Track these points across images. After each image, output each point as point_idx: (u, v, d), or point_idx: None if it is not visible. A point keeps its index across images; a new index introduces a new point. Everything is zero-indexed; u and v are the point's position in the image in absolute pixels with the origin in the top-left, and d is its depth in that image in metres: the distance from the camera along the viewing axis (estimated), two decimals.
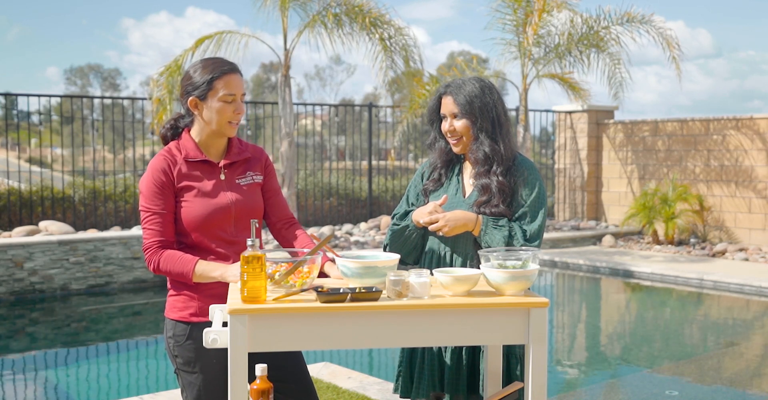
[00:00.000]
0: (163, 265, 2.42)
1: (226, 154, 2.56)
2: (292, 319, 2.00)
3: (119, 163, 15.29)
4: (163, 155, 2.50)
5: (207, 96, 2.45)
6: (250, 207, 2.55)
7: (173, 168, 2.48)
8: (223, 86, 2.44)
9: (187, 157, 2.50)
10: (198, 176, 2.50)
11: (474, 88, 2.56)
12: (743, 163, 10.97)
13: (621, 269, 9.43)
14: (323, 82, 48.23)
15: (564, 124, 13.24)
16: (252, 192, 2.57)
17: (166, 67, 9.65)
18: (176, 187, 2.48)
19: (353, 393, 4.26)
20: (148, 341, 6.70)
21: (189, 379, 2.51)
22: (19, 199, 9.79)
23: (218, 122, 2.47)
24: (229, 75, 2.45)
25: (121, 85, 52.58)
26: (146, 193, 2.46)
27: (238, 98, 2.47)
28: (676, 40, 11.08)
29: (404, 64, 10.21)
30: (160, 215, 2.44)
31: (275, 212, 2.66)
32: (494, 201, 2.52)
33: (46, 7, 78.95)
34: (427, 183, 2.71)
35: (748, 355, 6.24)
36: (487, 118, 2.55)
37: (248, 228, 2.53)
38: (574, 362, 6.04)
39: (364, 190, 12.60)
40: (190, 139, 2.53)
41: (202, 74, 2.45)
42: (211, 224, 2.47)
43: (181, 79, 2.54)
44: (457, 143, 2.60)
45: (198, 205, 2.46)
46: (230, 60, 2.54)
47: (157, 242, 2.43)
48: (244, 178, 2.57)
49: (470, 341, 2.11)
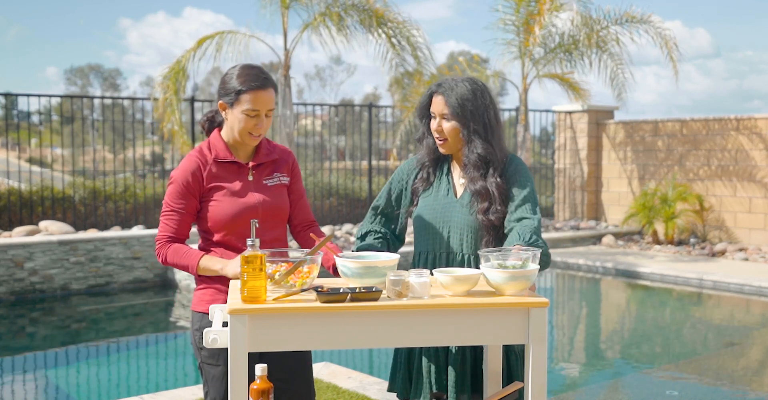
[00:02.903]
0: (170, 257, 2.53)
1: (254, 156, 2.63)
2: (292, 319, 2.00)
3: (119, 163, 15.29)
4: (195, 156, 2.58)
5: (234, 105, 2.51)
6: (276, 207, 2.61)
7: (203, 169, 2.56)
8: (248, 101, 2.48)
9: (217, 158, 2.57)
10: (227, 177, 2.57)
11: (466, 91, 2.52)
12: (743, 163, 10.97)
13: (621, 269, 9.43)
14: (323, 82, 48.25)
15: (564, 124, 13.24)
16: (279, 193, 2.64)
17: (170, 68, 9.66)
18: (205, 188, 2.56)
19: (353, 393, 4.26)
20: (148, 341, 6.70)
21: (213, 372, 2.54)
22: (20, 199, 9.79)
23: (239, 132, 2.54)
24: (258, 91, 2.49)
25: (121, 86, 52.62)
26: (172, 191, 2.56)
27: (262, 114, 2.51)
28: (674, 40, 11.09)
29: (414, 61, 10.22)
30: (179, 214, 2.54)
31: (297, 214, 2.72)
32: (495, 206, 2.51)
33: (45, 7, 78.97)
34: (417, 182, 2.68)
35: (748, 355, 6.24)
36: (479, 122, 2.52)
37: (274, 228, 2.62)
38: (574, 362, 6.05)
39: (364, 190, 12.60)
40: (221, 140, 2.60)
41: (234, 83, 2.51)
42: (238, 223, 2.53)
43: (221, 78, 2.60)
44: (443, 144, 2.58)
45: (226, 204, 2.54)
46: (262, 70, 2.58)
47: (167, 237, 2.54)
48: (271, 180, 2.64)
49: (470, 341, 2.11)
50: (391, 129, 13.08)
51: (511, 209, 2.51)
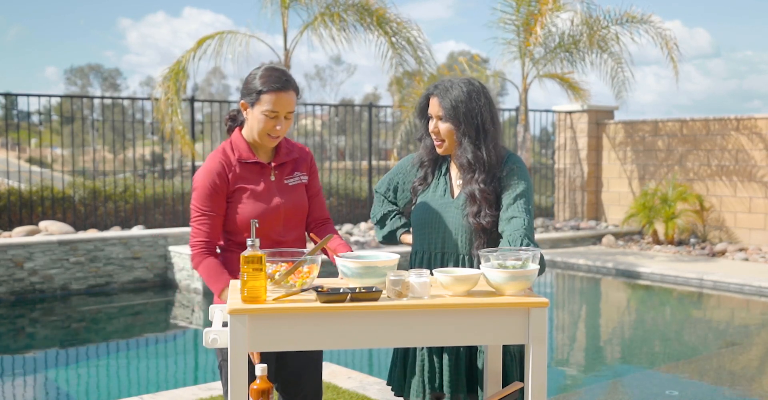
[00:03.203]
0: (202, 271, 2.54)
1: (275, 155, 2.65)
2: (292, 319, 2.00)
3: (119, 163, 15.29)
4: (219, 158, 2.58)
5: (254, 105, 2.53)
6: (297, 207, 2.64)
7: (228, 171, 2.57)
8: (268, 102, 2.50)
9: (240, 159, 2.58)
10: (251, 178, 2.59)
11: (461, 93, 2.52)
12: (743, 162, 10.97)
13: (621, 269, 9.43)
14: (323, 82, 48.27)
15: (564, 124, 13.24)
16: (299, 192, 2.66)
17: (170, 68, 9.67)
18: (230, 190, 2.57)
19: (353, 393, 4.26)
20: (148, 341, 6.70)
21: None
22: (19, 199, 9.79)
23: (258, 132, 2.55)
24: (278, 93, 2.50)
25: (121, 86, 52.62)
26: (200, 194, 2.56)
27: (281, 115, 2.53)
28: (675, 40, 11.09)
29: (415, 61, 10.23)
30: (209, 217, 2.55)
31: (312, 211, 2.74)
32: (484, 210, 2.51)
33: (45, 7, 78.99)
34: (415, 181, 2.71)
35: (748, 355, 6.24)
36: (471, 125, 2.52)
37: (296, 228, 2.65)
38: (574, 362, 6.04)
39: (364, 190, 12.60)
40: (243, 140, 2.61)
41: (256, 83, 2.52)
42: (262, 223, 2.54)
43: (245, 78, 2.61)
44: (440, 145, 2.59)
45: (251, 206, 2.56)
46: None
47: (202, 243, 2.55)
48: (292, 179, 2.66)
49: (470, 341, 2.11)
50: (391, 129, 13.08)
51: (503, 208, 2.51)
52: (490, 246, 2.51)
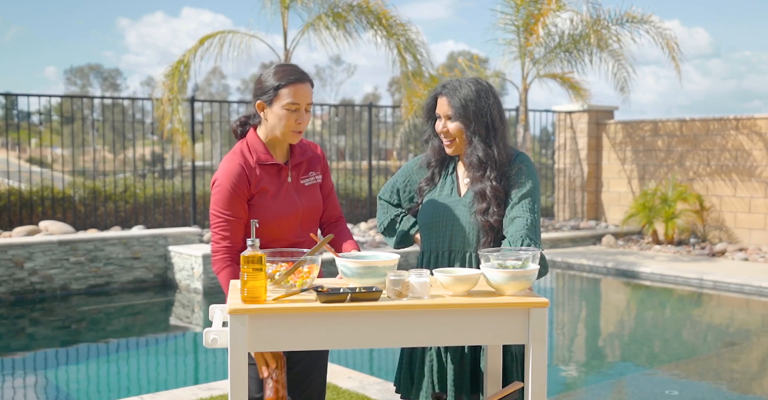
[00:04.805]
0: (222, 278, 2.51)
1: (291, 155, 2.63)
2: (292, 319, 2.00)
3: (119, 163, 15.28)
4: (237, 161, 2.54)
5: (273, 102, 2.50)
6: (314, 207, 2.64)
7: (249, 174, 2.53)
8: (287, 95, 2.48)
9: (258, 161, 2.55)
10: (269, 179, 2.56)
11: (470, 92, 2.54)
12: (743, 163, 10.97)
13: (621, 269, 9.43)
14: (323, 82, 48.26)
15: (564, 124, 13.24)
16: (315, 192, 2.66)
17: (171, 68, 9.67)
18: (251, 193, 2.54)
19: (353, 393, 4.26)
20: (148, 341, 6.70)
21: (250, 373, 2.54)
22: (19, 199, 9.79)
23: (281, 130, 2.52)
24: (297, 85, 2.49)
25: (121, 86, 52.62)
26: (220, 198, 2.51)
27: (302, 108, 2.51)
28: (675, 40, 11.08)
29: (415, 61, 10.23)
30: (230, 222, 2.51)
31: (326, 210, 2.74)
32: (492, 208, 2.52)
33: (45, 7, 78.99)
34: (421, 182, 2.71)
35: (748, 355, 6.24)
36: (481, 123, 2.53)
37: (312, 228, 2.64)
38: (574, 362, 6.04)
39: (364, 190, 12.60)
40: (259, 141, 2.58)
41: (271, 80, 2.50)
42: (281, 226, 2.53)
43: (255, 81, 2.60)
44: (450, 144, 2.60)
45: (270, 209, 2.54)
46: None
47: (224, 248, 2.51)
48: (307, 179, 2.65)
49: (470, 341, 2.11)
50: (391, 129, 13.08)
51: (508, 207, 2.52)
52: (497, 244, 2.52)
